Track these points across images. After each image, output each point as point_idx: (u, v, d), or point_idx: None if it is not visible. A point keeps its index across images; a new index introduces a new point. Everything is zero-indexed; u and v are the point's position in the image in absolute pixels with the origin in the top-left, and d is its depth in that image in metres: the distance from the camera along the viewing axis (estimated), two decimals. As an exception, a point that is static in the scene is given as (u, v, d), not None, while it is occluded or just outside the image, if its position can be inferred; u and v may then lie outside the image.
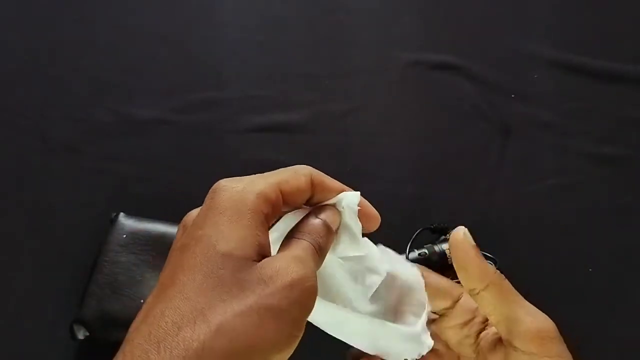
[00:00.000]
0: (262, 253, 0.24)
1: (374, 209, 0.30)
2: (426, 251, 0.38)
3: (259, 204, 0.24)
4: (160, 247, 0.55)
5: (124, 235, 0.55)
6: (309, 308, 0.23)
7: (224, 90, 0.69)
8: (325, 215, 0.27)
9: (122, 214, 0.57)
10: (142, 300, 0.52)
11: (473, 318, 0.34)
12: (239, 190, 0.25)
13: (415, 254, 0.40)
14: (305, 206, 0.29)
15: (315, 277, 0.24)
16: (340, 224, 0.28)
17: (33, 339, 0.55)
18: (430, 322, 0.33)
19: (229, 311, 0.21)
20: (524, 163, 0.65)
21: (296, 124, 0.67)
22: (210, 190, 0.25)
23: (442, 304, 0.34)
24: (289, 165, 0.27)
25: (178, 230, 0.26)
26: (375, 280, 0.29)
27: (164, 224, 0.57)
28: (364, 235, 0.29)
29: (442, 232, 0.57)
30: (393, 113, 0.68)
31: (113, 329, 0.52)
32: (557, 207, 0.62)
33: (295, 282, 0.22)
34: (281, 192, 0.26)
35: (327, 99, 0.68)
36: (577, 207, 0.62)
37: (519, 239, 0.61)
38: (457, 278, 0.32)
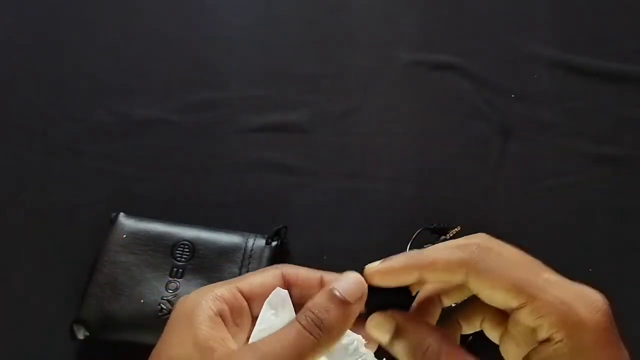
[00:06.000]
0: (215, 346, 0.27)
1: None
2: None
3: (209, 306, 0.28)
4: (160, 247, 0.55)
5: (124, 235, 0.55)
6: None
7: (224, 90, 0.69)
8: (335, 286, 0.28)
9: (122, 214, 0.57)
10: (142, 301, 0.52)
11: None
12: (188, 301, 0.29)
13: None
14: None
15: None
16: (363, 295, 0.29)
17: (33, 339, 0.55)
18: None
19: None
20: (524, 163, 0.65)
21: (296, 124, 0.67)
22: None
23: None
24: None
25: None
26: None
27: (164, 224, 0.57)
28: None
29: (442, 232, 0.57)
30: (393, 113, 0.68)
31: (113, 329, 0.52)
32: (557, 207, 0.62)
33: None
34: (242, 291, 0.30)
35: (327, 99, 0.68)
36: (577, 207, 0.62)
37: (519, 239, 0.61)
38: None
